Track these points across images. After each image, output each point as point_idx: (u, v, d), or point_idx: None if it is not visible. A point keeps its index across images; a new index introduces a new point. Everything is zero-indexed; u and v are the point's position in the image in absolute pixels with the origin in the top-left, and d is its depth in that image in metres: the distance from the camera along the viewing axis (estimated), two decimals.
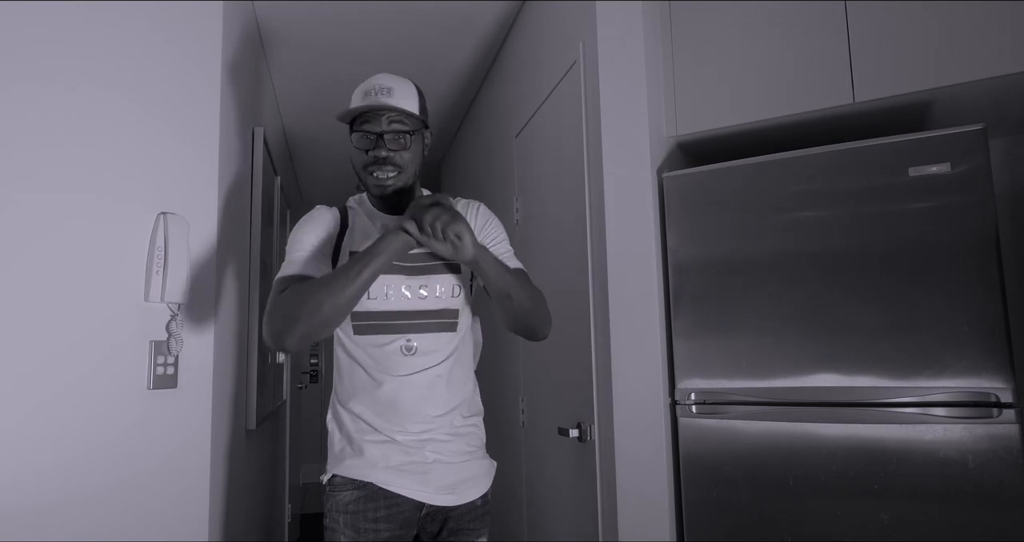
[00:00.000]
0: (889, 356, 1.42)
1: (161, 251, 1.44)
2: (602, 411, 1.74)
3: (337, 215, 1.36)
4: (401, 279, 1.30)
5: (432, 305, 1.32)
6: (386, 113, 1.26)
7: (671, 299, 1.68)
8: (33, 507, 1.32)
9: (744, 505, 1.54)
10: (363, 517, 1.26)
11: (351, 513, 1.26)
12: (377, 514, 1.26)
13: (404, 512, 1.28)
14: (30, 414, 1.33)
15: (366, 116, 1.27)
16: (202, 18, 1.62)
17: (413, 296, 1.30)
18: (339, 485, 1.29)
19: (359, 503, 1.27)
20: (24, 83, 1.38)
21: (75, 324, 1.39)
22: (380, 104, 1.25)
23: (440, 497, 1.29)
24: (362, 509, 1.26)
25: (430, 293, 1.32)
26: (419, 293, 1.31)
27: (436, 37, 2.73)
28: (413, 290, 1.30)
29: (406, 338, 1.29)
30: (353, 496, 1.27)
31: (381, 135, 1.26)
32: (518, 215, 2.51)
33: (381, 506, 1.27)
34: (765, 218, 1.58)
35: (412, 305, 1.30)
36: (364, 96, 1.27)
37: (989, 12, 1.42)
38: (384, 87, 1.27)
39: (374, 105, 1.25)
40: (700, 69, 1.79)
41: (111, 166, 1.46)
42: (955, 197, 1.38)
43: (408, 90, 1.30)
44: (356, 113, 1.27)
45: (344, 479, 1.29)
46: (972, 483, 1.32)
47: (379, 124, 1.26)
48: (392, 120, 1.27)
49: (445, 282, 1.33)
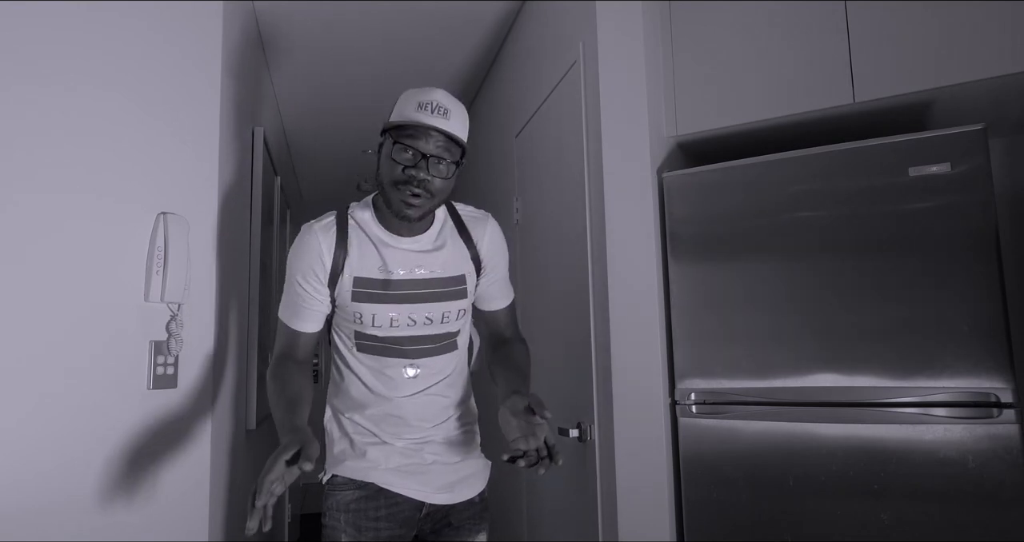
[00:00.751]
0: (889, 356, 1.41)
1: (161, 251, 1.44)
2: (602, 411, 1.74)
3: (331, 239, 1.26)
4: (408, 308, 1.27)
5: (436, 330, 1.31)
6: (435, 135, 1.17)
7: (671, 299, 1.68)
8: (33, 507, 1.32)
9: (744, 505, 1.54)
10: (364, 516, 1.27)
11: (352, 512, 1.27)
12: (378, 513, 1.27)
13: (404, 511, 1.29)
14: (30, 414, 1.33)
15: (413, 131, 1.16)
16: (202, 18, 1.62)
17: (419, 322, 1.28)
18: (340, 485, 1.30)
19: (360, 502, 1.28)
20: (24, 83, 1.38)
21: (75, 324, 1.39)
22: (435, 125, 1.15)
23: (439, 496, 1.31)
24: (363, 508, 1.27)
25: (435, 319, 1.30)
26: (424, 319, 1.28)
27: (436, 37, 2.73)
28: (419, 317, 1.28)
29: (409, 362, 1.30)
30: (354, 495, 1.28)
31: (425, 156, 1.16)
32: (518, 215, 2.50)
33: (382, 505, 1.28)
34: (765, 218, 1.58)
35: (416, 331, 1.29)
36: (418, 109, 1.17)
37: (989, 12, 1.42)
38: (442, 107, 1.17)
39: (429, 125, 1.15)
40: (700, 69, 1.79)
41: (111, 166, 1.46)
42: (955, 197, 1.38)
43: (463, 116, 1.21)
44: (406, 127, 1.17)
45: (345, 479, 1.30)
46: (972, 483, 1.32)
47: (428, 144, 1.16)
48: (440, 145, 1.17)
49: (452, 308, 1.31)
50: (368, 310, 1.26)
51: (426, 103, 1.17)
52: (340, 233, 1.27)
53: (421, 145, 1.16)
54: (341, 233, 1.27)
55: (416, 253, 1.28)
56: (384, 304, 1.26)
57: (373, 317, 1.26)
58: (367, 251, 1.27)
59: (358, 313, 1.27)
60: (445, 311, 1.30)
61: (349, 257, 1.26)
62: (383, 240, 1.28)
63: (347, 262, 1.25)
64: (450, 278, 1.30)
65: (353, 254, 1.26)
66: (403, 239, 1.28)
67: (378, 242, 1.28)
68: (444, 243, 1.31)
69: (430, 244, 1.30)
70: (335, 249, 1.25)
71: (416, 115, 1.16)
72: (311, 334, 1.32)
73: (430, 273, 1.28)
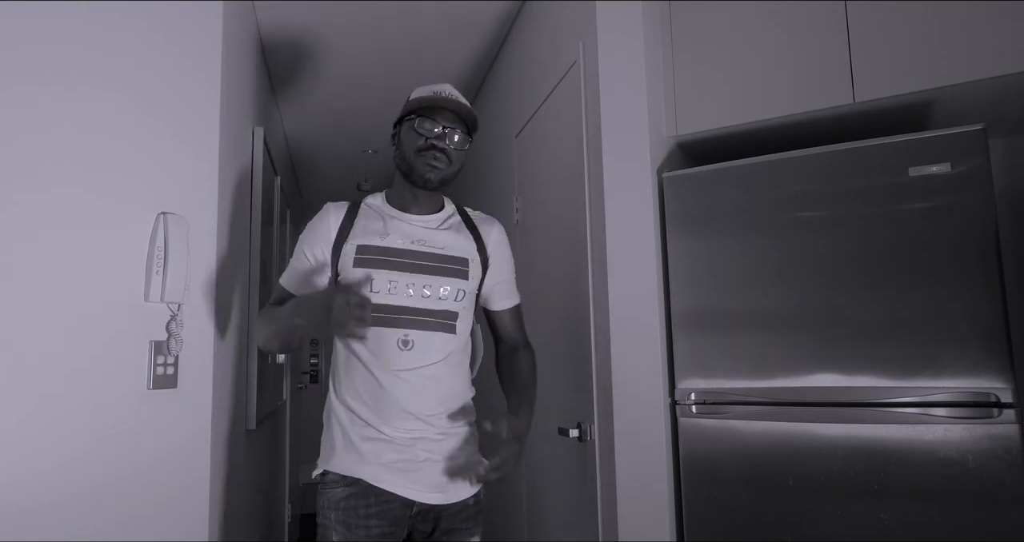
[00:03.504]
0: (889, 356, 1.42)
1: (161, 251, 1.44)
2: (602, 411, 1.74)
3: (343, 212, 1.38)
4: (407, 276, 1.32)
5: (433, 305, 1.33)
6: (451, 113, 1.33)
7: (671, 299, 1.68)
8: (33, 507, 1.32)
9: (744, 505, 1.54)
10: (354, 513, 1.26)
11: (342, 510, 1.27)
12: (368, 511, 1.27)
13: (394, 509, 1.28)
14: (30, 414, 1.33)
15: (431, 109, 1.32)
16: (202, 18, 1.62)
17: (416, 294, 1.32)
18: (330, 482, 1.30)
19: (350, 500, 1.27)
20: (24, 83, 1.38)
21: (75, 324, 1.39)
22: (452, 99, 1.33)
23: (430, 495, 1.30)
24: (353, 506, 1.27)
25: (433, 293, 1.33)
26: (423, 292, 1.33)
27: (436, 37, 2.73)
28: (417, 288, 1.32)
29: (404, 332, 1.31)
30: (344, 493, 1.28)
31: (445, 128, 1.32)
32: (518, 215, 2.51)
33: (372, 503, 1.27)
34: (765, 218, 1.58)
35: (414, 302, 1.32)
36: (434, 94, 1.33)
37: (989, 12, 1.42)
38: (454, 94, 1.35)
39: (445, 101, 1.32)
40: (700, 69, 1.79)
41: (111, 166, 1.46)
42: (955, 197, 1.38)
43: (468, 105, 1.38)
44: (423, 105, 1.32)
45: (335, 476, 1.30)
46: (972, 483, 1.32)
47: (446, 118, 1.33)
48: (456, 120, 1.33)
49: (451, 285, 1.35)
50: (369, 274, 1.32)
51: (439, 90, 1.34)
52: (351, 210, 1.39)
53: (440, 118, 1.32)
54: (352, 210, 1.39)
55: (422, 229, 1.38)
56: (385, 270, 1.32)
57: (372, 282, 1.30)
58: (373, 222, 1.37)
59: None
60: (444, 286, 1.34)
61: (355, 228, 1.36)
62: (390, 214, 1.39)
63: (352, 231, 1.35)
64: (452, 257, 1.37)
65: (358, 226, 1.36)
66: (411, 216, 1.38)
67: (385, 215, 1.38)
68: (451, 228, 1.41)
69: (436, 224, 1.39)
70: (343, 220, 1.36)
71: (433, 98, 1.33)
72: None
73: (431, 248, 1.36)
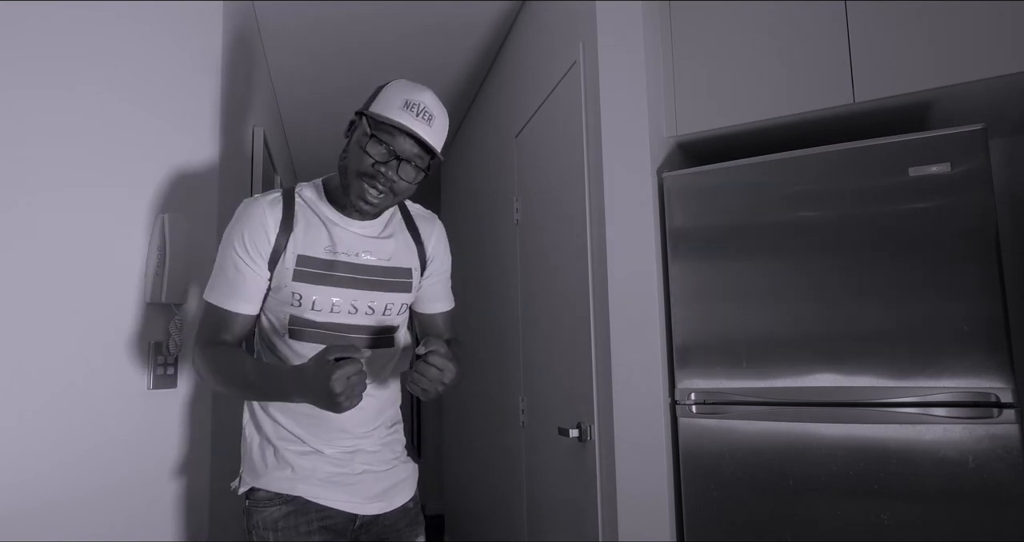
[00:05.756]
0: (889, 356, 1.42)
1: (161, 251, 1.44)
2: (602, 411, 1.74)
3: (278, 213, 1.20)
4: (351, 293, 1.22)
5: (375, 322, 1.26)
6: (414, 141, 1.15)
7: (671, 299, 1.68)
8: (33, 507, 1.32)
9: (744, 505, 1.54)
10: (296, 531, 1.19)
11: (281, 530, 1.19)
12: (310, 527, 1.20)
13: (337, 524, 1.23)
14: (30, 414, 1.33)
15: (392, 129, 1.14)
16: (202, 18, 1.62)
17: (360, 311, 1.23)
18: (264, 500, 1.21)
19: (289, 518, 1.19)
20: (24, 83, 1.38)
21: (75, 324, 1.39)
22: (415, 132, 1.13)
23: (371, 506, 1.26)
24: (293, 524, 1.19)
25: (377, 310, 1.25)
26: (366, 308, 1.23)
27: (436, 36, 2.73)
28: (361, 305, 1.23)
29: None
30: (282, 511, 1.20)
31: (399, 158, 1.14)
32: (518, 215, 2.50)
33: (313, 519, 1.20)
34: (765, 218, 1.58)
35: (356, 320, 1.23)
36: (404, 107, 1.13)
37: (989, 12, 1.42)
38: (428, 112, 1.14)
39: (410, 130, 1.13)
40: (700, 69, 1.79)
41: (111, 166, 1.46)
42: (955, 197, 1.38)
43: (444, 124, 1.19)
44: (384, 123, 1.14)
45: (270, 493, 1.21)
46: (972, 483, 1.32)
47: (404, 145, 1.14)
48: (414, 150, 1.15)
49: (395, 300, 1.27)
50: (309, 291, 1.19)
51: (413, 104, 1.14)
52: (287, 209, 1.21)
53: (397, 144, 1.14)
54: (288, 209, 1.21)
55: (364, 237, 1.24)
56: (327, 286, 1.20)
57: (314, 301, 1.19)
58: (314, 229, 1.22)
59: (297, 294, 1.19)
60: (388, 302, 1.25)
61: (294, 233, 1.20)
62: (332, 220, 1.23)
63: (291, 238, 1.19)
64: (396, 269, 1.27)
65: (299, 231, 1.20)
66: (352, 221, 1.24)
67: (326, 221, 1.23)
68: (392, 233, 1.29)
69: (377, 231, 1.27)
70: (280, 224, 1.19)
71: (400, 114, 1.13)
72: (247, 316, 1.21)
73: (376, 260, 1.24)
